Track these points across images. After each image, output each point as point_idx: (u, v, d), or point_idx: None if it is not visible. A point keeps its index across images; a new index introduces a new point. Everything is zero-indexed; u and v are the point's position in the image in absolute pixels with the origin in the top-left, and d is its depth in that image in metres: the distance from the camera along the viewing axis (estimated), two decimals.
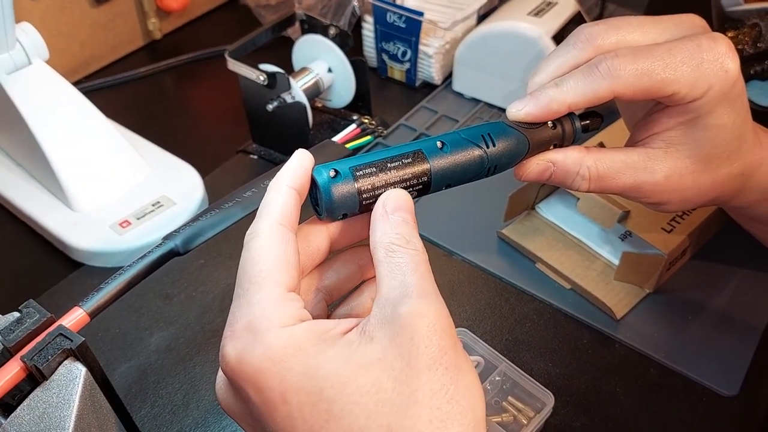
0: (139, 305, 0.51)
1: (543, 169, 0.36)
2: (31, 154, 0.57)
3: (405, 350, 0.25)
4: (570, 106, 0.35)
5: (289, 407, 0.26)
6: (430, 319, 0.26)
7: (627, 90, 0.34)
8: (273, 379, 0.26)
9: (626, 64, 0.34)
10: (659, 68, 0.34)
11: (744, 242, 0.52)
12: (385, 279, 0.28)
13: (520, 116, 0.35)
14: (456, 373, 0.26)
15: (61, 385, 0.31)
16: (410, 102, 0.71)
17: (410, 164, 0.31)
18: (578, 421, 0.44)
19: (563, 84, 0.35)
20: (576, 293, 0.52)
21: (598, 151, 0.37)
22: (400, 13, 0.68)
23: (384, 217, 0.29)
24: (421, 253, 0.29)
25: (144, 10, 0.78)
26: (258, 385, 0.26)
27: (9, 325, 0.32)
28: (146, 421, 0.44)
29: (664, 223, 0.50)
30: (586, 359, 0.48)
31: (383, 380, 0.25)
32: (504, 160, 0.34)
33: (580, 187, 0.37)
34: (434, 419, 0.25)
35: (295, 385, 0.26)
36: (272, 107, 0.60)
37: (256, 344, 0.26)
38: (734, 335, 0.49)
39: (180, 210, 0.57)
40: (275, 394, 0.26)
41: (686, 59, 0.34)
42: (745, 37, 0.67)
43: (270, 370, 0.26)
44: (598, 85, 0.34)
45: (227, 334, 0.28)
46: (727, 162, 0.38)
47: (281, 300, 0.27)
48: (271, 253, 0.28)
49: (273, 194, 0.30)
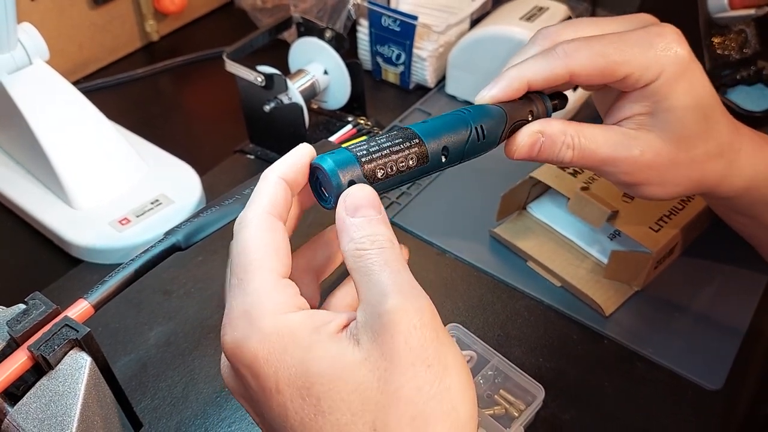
0: (139, 301, 0.52)
1: (533, 141, 0.38)
2: (31, 153, 0.58)
3: (387, 349, 0.26)
4: (529, 82, 0.37)
5: (283, 397, 0.27)
6: (408, 315, 0.26)
7: (582, 70, 0.36)
8: (269, 368, 0.27)
9: (581, 46, 0.37)
10: (612, 51, 0.36)
11: (729, 241, 0.54)
12: (361, 285, 0.28)
13: (484, 99, 0.37)
14: (440, 370, 0.26)
15: (67, 374, 0.31)
16: (404, 104, 0.73)
17: (402, 140, 0.32)
18: (568, 414, 0.46)
19: (522, 64, 0.37)
20: (566, 291, 0.53)
21: (578, 124, 0.39)
22: (394, 17, 0.70)
23: (345, 224, 0.29)
24: (389, 249, 0.28)
25: (142, 13, 0.79)
26: (255, 371, 0.27)
27: (15, 316, 0.32)
28: (146, 413, 0.45)
29: (651, 223, 0.52)
30: (576, 354, 0.49)
31: (369, 379, 0.26)
32: (486, 122, 0.35)
33: (564, 158, 0.38)
34: (417, 417, 0.25)
35: (287, 377, 0.26)
36: (269, 108, 0.61)
37: (253, 332, 0.27)
38: (719, 331, 0.50)
39: (178, 208, 0.58)
40: (270, 382, 0.27)
41: (637, 43, 0.37)
42: (732, 42, 0.68)
43: (266, 358, 0.27)
44: (554, 64, 0.37)
45: (225, 322, 0.28)
46: (701, 142, 0.39)
47: (275, 287, 0.28)
48: (261, 241, 0.29)
49: (262, 184, 0.31)
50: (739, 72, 0.69)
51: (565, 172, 0.55)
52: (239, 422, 0.45)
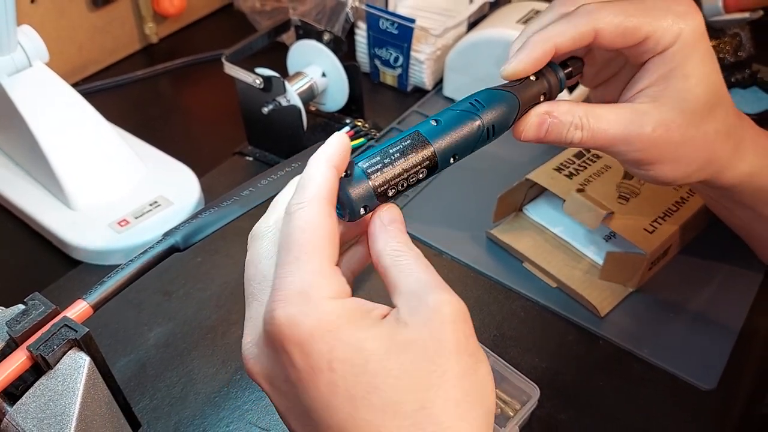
0: (139, 301, 0.52)
1: (540, 122, 0.38)
2: (30, 154, 0.58)
3: (436, 334, 0.28)
4: (556, 45, 0.37)
5: (335, 375, 0.27)
6: (455, 306, 0.28)
7: (606, 27, 0.37)
8: (324, 346, 0.27)
9: (603, 6, 0.37)
10: (633, 11, 0.38)
11: (723, 243, 0.54)
12: (400, 279, 0.30)
13: (513, 70, 0.37)
14: (476, 360, 0.28)
15: (66, 373, 0.31)
16: (402, 106, 0.73)
17: (413, 148, 0.33)
18: (564, 414, 0.46)
19: (547, 29, 0.37)
20: (562, 291, 0.54)
21: (587, 104, 0.39)
22: (392, 20, 0.70)
23: (382, 229, 0.31)
24: (422, 256, 0.31)
25: (141, 15, 0.80)
26: (307, 349, 0.27)
27: (15, 316, 0.33)
28: (145, 413, 0.45)
29: (646, 224, 0.52)
30: (572, 355, 0.50)
31: (419, 360, 0.27)
32: (498, 119, 0.35)
33: (574, 138, 0.39)
34: (461, 401, 0.27)
35: (343, 355, 0.27)
36: (268, 110, 0.62)
37: (310, 310, 0.28)
38: (713, 332, 0.51)
39: (177, 210, 0.58)
40: (323, 361, 0.27)
41: (655, 6, 0.38)
42: (726, 46, 0.69)
43: (322, 337, 0.27)
44: (579, 22, 0.37)
45: (278, 297, 0.28)
46: (711, 118, 0.40)
47: (331, 272, 0.29)
48: (320, 225, 0.29)
49: (315, 170, 0.30)
50: (734, 75, 0.70)
51: (561, 174, 0.55)
52: (237, 422, 0.45)
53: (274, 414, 0.45)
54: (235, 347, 0.49)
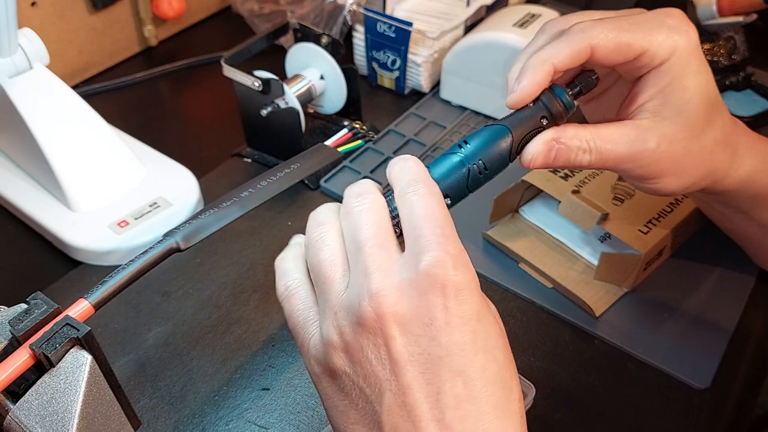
0: (138, 302, 0.53)
1: (548, 149, 0.38)
2: (31, 156, 0.58)
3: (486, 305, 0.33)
4: (554, 64, 0.37)
5: (479, 326, 0.31)
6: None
7: (602, 43, 0.37)
8: (478, 298, 0.31)
9: (596, 23, 0.38)
10: (627, 26, 0.38)
11: (717, 244, 0.55)
12: None
13: (519, 99, 0.37)
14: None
15: (68, 371, 0.32)
16: (399, 109, 0.74)
17: None
18: (559, 413, 0.47)
19: (543, 50, 0.38)
20: (557, 292, 0.54)
21: (592, 126, 0.39)
22: (389, 23, 0.71)
23: None
24: None
25: (140, 18, 0.80)
26: (465, 296, 0.30)
27: (17, 315, 0.33)
28: (145, 412, 0.45)
29: (641, 225, 0.53)
30: (567, 354, 0.50)
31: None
32: (485, 153, 0.36)
33: (582, 161, 0.39)
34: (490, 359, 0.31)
35: (486, 313, 0.32)
36: (266, 112, 0.62)
37: (469, 268, 0.31)
38: (707, 332, 0.51)
39: (176, 211, 0.58)
40: (473, 311, 0.31)
41: (648, 21, 0.38)
42: (721, 49, 0.70)
43: (477, 290, 0.31)
44: (574, 40, 0.37)
45: (439, 245, 0.31)
46: (710, 129, 0.40)
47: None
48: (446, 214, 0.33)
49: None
50: (729, 78, 0.71)
51: (556, 175, 0.56)
52: (236, 420, 0.45)
53: (273, 412, 0.46)
54: (234, 347, 0.50)
